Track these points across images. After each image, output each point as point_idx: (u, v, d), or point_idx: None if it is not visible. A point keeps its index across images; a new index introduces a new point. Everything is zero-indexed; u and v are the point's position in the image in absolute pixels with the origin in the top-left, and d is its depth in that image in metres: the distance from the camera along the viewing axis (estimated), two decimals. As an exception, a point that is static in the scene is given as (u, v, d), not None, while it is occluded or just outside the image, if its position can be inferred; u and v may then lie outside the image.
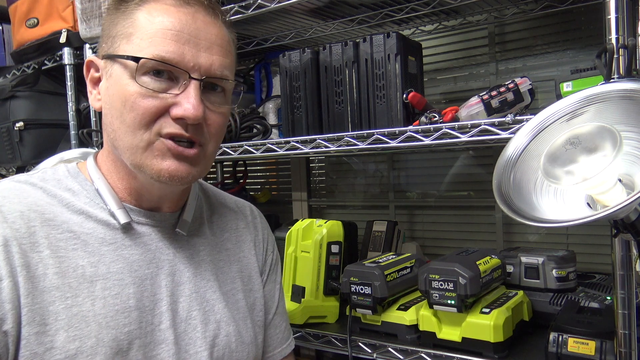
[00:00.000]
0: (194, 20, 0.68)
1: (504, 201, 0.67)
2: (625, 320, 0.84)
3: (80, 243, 0.67)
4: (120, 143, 0.69)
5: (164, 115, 0.67)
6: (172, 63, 0.66)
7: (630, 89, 0.66)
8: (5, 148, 1.66)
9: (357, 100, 1.19)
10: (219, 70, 0.70)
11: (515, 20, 1.48)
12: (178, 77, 0.68)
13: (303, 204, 1.96)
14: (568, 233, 1.48)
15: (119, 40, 0.68)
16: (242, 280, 0.84)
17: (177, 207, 0.78)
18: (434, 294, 1.01)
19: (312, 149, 1.19)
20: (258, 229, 0.92)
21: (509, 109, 0.99)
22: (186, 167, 0.69)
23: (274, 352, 0.91)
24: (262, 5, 1.20)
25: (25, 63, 1.71)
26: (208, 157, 0.73)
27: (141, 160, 0.68)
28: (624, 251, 0.83)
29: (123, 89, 0.67)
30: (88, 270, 0.66)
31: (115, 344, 0.65)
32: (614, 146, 0.61)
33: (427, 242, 1.72)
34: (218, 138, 0.74)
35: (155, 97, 0.66)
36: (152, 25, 0.66)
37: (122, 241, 0.71)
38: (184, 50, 0.66)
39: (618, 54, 0.80)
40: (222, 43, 0.71)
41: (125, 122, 0.67)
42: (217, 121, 0.72)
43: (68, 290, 0.64)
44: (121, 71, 0.67)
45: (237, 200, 0.94)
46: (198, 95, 0.67)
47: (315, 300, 1.23)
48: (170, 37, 0.66)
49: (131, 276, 0.70)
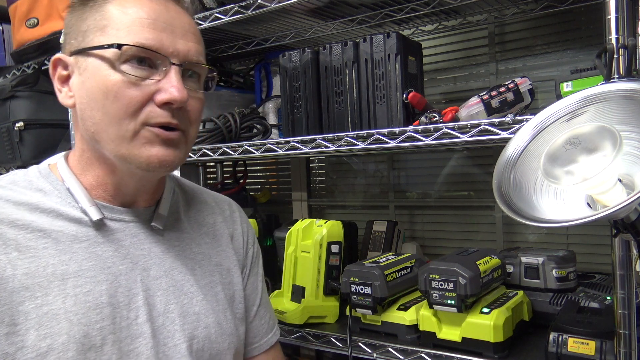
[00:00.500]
0: (166, 9, 0.70)
1: (504, 201, 0.67)
2: (625, 320, 0.84)
3: (51, 241, 0.67)
4: (103, 135, 0.69)
5: (149, 103, 0.68)
6: (153, 48, 0.67)
7: (630, 89, 0.66)
8: (5, 148, 1.66)
9: (357, 100, 1.19)
10: (195, 56, 0.72)
11: (515, 20, 1.48)
12: (158, 64, 0.69)
13: (303, 204, 1.96)
14: (568, 233, 1.48)
15: (92, 34, 0.69)
16: (220, 273, 0.84)
17: (152, 200, 0.79)
18: (434, 294, 1.01)
19: (312, 149, 1.19)
20: (237, 223, 0.93)
21: (509, 109, 0.99)
22: (173, 152, 0.71)
23: (260, 342, 0.92)
24: (262, 5, 1.20)
25: (25, 63, 1.71)
26: (189, 142, 0.75)
27: (128, 150, 0.68)
28: (624, 251, 0.83)
29: (104, 79, 0.67)
30: (59, 268, 0.67)
31: (87, 340, 0.66)
32: (614, 146, 0.61)
33: (427, 242, 1.72)
34: (197, 123, 0.76)
35: (139, 85, 0.67)
36: (126, 16, 0.68)
37: (95, 238, 0.71)
38: (162, 37, 0.68)
39: (618, 54, 0.80)
40: (195, 31, 0.74)
41: (108, 114, 0.67)
42: (195, 106, 0.73)
43: (38, 290, 0.64)
44: (98, 63, 0.68)
45: (216, 195, 0.95)
46: (180, 80, 0.69)
47: (315, 300, 1.23)
48: (147, 25, 0.68)
49: (104, 273, 0.70)
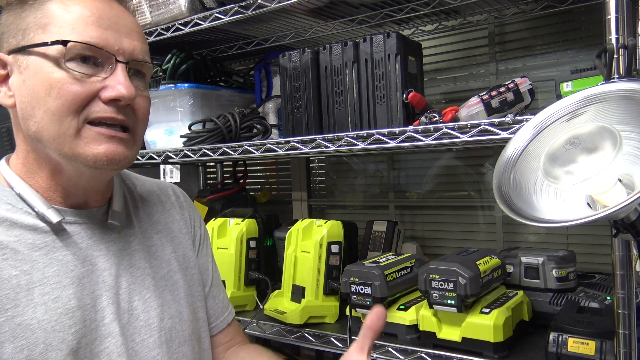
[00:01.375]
0: (110, 7, 0.70)
1: (504, 201, 0.67)
2: (625, 320, 0.84)
3: (9, 252, 0.66)
4: (45, 134, 0.67)
5: (93, 100, 0.67)
6: (98, 46, 0.67)
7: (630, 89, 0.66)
8: (6, 148, 1.66)
9: (357, 100, 1.19)
10: (140, 55, 0.71)
11: (515, 20, 1.48)
12: (103, 63, 0.68)
13: (303, 204, 1.96)
14: (568, 233, 1.48)
15: (32, 32, 0.68)
16: (177, 260, 0.85)
17: (103, 200, 0.78)
18: (434, 294, 1.01)
19: (312, 149, 1.19)
20: (184, 208, 0.93)
21: (509, 109, 0.99)
22: (122, 149, 0.70)
23: (217, 322, 0.93)
24: (262, 5, 1.20)
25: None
26: (138, 142, 0.74)
27: (71, 148, 0.67)
28: (624, 251, 0.83)
29: (47, 77, 0.66)
30: (22, 278, 0.65)
31: (64, 346, 0.65)
32: (614, 146, 0.60)
33: (427, 242, 1.72)
34: (145, 122, 0.75)
35: (84, 81, 0.67)
36: (69, 14, 0.67)
37: (53, 243, 0.70)
38: (107, 35, 0.68)
39: (618, 54, 0.80)
40: (139, 30, 0.74)
41: (49, 111, 0.66)
42: (143, 105, 0.73)
43: (6, 302, 0.63)
44: (41, 61, 0.67)
45: (158, 182, 0.94)
46: (127, 77, 0.68)
47: (315, 300, 1.23)
48: (92, 22, 0.67)
49: (68, 277, 0.69)
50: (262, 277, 1.38)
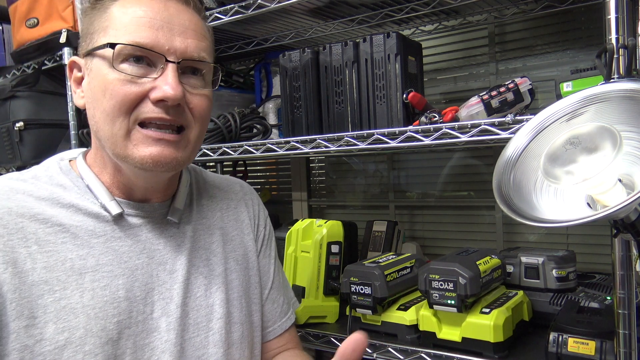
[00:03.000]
0: (166, 7, 0.70)
1: (504, 201, 0.67)
2: (625, 320, 0.84)
3: (69, 236, 0.68)
4: (102, 134, 0.70)
5: (143, 101, 0.68)
6: (147, 47, 0.67)
7: (630, 89, 0.66)
8: (5, 148, 1.66)
9: (357, 100, 1.19)
10: (195, 52, 0.71)
11: (515, 20, 1.48)
12: (156, 63, 0.69)
13: (303, 204, 1.96)
14: (568, 233, 1.48)
15: (97, 36, 0.70)
16: (235, 260, 0.84)
17: (166, 196, 0.79)
18: (434, 294, 1.01)
19: (312, 149, 1.19)
20: (249, 206, 0.92)
21: (509, 109, 0.99)
22: (170, 151, 0.69)
23: (274, 327, 0.91)
24: (262, 5, 1.20)
25: (25, 63, 1.71)
26: (193, 142, 0.73)
27: (122, 150, 0.68)
28: (624, 251, 0.83)
29: (103, 78, 0.68)
30: (77, 263, 0.67)
31: (104, 334, 0.66)
32: (614, 146, 0.60)
33: (427, 242, 1.72)
34: (203, 122, 0.74)
35: (134, 82, 0.67)
36: (125, 16, 0.68)
37: (112, 233, 0.71)
38: (157, 35, 0.68)
39: (618, 54, 0.80)
40: (196, 28, 0.72)
41: (105, 111, 0.68)
42: (199, 104, 0.72)
43: (56, 284, 0.65)
44: (100, 63, 0.68)
45: (227, 178, 0.94)
46: (176, 77, 0.68)
47: (315, 300, 1.23)
48: (144, 24, 0.68)
49: (121, 267, 0.70)
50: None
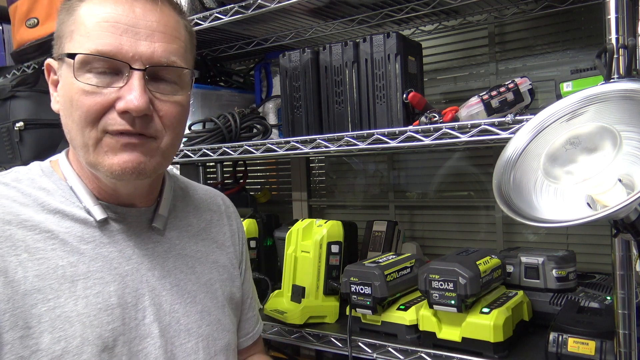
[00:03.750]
0: (131, 9, 0.66)
1: (504, 201, 0.67)
2: (625, 320, 0.84)
3: (58, 242, 0.67)
4: (74, 142, 0.69)
5: (110, 110, 0.66)
6: (109, 55, 0.64)
7: (630, 89, 0.66)
8: (5, 148, 1.66)
9: (357, 100, 1.19)
10: (163, 57, 0.67)
11: (515, 20, 1.48)
12: (121, 70, 0.66)
13: (303, 204, 1.96)
14: (568, 233, 1.48)
15: (65, 40, 0.68)
16: (217, 270, 0.84)
17: (150, 201, 0.78)
18: (434, 294, 1.01)
19: (312, 149, 1.19)
20: (232, 219, 0.93)
21: (509, 109, 0.99)
22: (137, 157, 0.67)
23: (248, 336, 0.93)
24: (262, 5, 1.20)
25: (25, 63, 1.71)
26: (166, 150, 0.71)
27: (94, 158, 0.67)
28: (624, 251, 0.83)
29: (69, 87, 0.66)
30: (68, 270, 0.66)
31: (100, 342, 0.65)
32: (614, 146, 0.60)
33: (427, 242, 1.72)
34: (175, 129, 0.71)
35: (99, 93, 0.65)
36: (90, 19, 0.66)
37: (100, 239, 0.70)
38: (121, 41, 0.65)
39: (618, 54, 0.80)
40: (165, 29, 0.68)
41: (74, 121, 0.67)
42: (169, 112, 0.69)
43: (50, 292, 0.64)
44: (67, 70, 0.67)
45: (208, 189, 0.94)
46: (141, 86, 0.65)
47: (315, 300, 1.23)
48: (107, 29, 0.65)
49: (111, 274, 0.69)
50: (262, 277, 1.38)
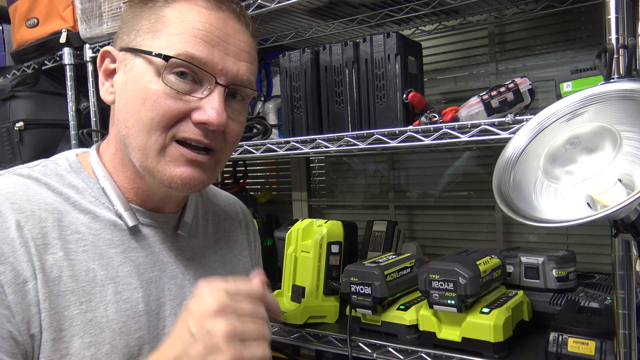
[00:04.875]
0: (224, 25, 0.66)
1: (504, 201, 0.67)
2: (625, 320, 0.84)
3: (89, 245, 0.65)
4: (132, 142, 0.67)
5: (184, 119, 0.65)
6: (200, 63, 0.64)
7: (630, 89, 0.66)
8: (5, 148, 1.66)
9: (357, 100, 1.19)
10: (245, 77, 0.68)
11: (515, 20, 1.48)
12: (203, 81, 0.66)
13: (303, 204, 1.96)
14: (568, 233, 1.48)
15: (144, 35, 0.66)
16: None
17: (178, 207, 0.78)
18: (434, 294, 1.01)
19: (312, 149, 1.19)
20: (250, 228, 0.92)
21: (509, 109, 0.99)
22: (199, 174, 0.68)
23: None
24: (262, 5, 1.20)
25: (25, 63, 1.71)
26: (220, 165, 0.72)
27: (153, 164, 0.66)
28: (624, 251, 0.83)
29: (145, 86, 0.64)
30: (99, 273, 0.65)
31: (127, 351, 0.64)
32: (614, 146, 0.60)
33: (427, 242, 1.72)
34: (233, 146, 0.72)
35: (179, 98, 0.64)
36: (181, 23, 0.65)
37: (129, 243, 0.70)
38: (213, 52, 0.65)
39: (618, 54, 0.80)
40: (250, 51, 0.70)
41: (141, 121, 0.65)
42: (235, 130, 0.70)
43: (82, 295, 0.62)
44: (145, 67, 0.65)
45: (228, 196, 0.94)
46: (222, 102, 0.66)
47: (315, 300, 1.23)
48: (201, 37, 0.64)
49: (139, 279, 0.68)
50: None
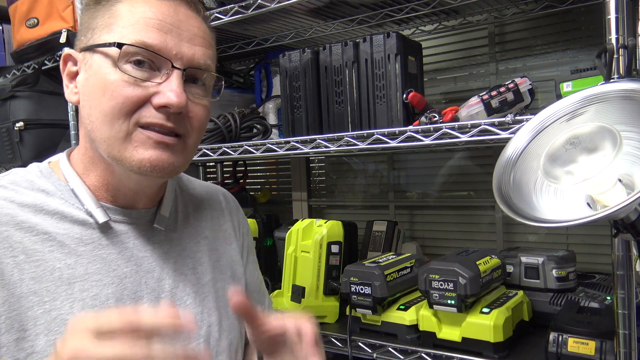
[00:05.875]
0: (175, 12, 0.68)
1: (504, 201, 0.67)
2: (625, 320, 0.84)
3: (56, 244, 0.66)
4: (97, 134, 0.68)
5: (145, 105, 0.66)
6: (155, 49, 0.66)
7: (630, 89, 0.66)
8: (5, 148, 1.66)
9: (357, 100, 1.19)
10: (202, 60, 0.70)
11: (515, 20, 1.48)
12: (160, 67, 0.67)
13: (303, 204, 1.96)
14: (568, 233, 1.48)
15: (99, 31, 0.68)
16: (220, 269, 0.84)
17: (153, 202, 0.78)
18: (434, 294, 1.01)
19: (312, 149, 1.19)
20: (233, 214, 0.92)
21: (509, 109, 0.99)
22: (168, 156, 0.68)
23: None
24: (262, 5, 1.20)
25: (25, 63, 1.71)
26: (190, 150, 0.72)
27: (119, 152, 0.67)
28: (624, 251, 0.83)
29: (104, 77, 0.66)
30: (65, 272, 0.66)
31: None
32: (614, 146, 0.61)
33: (427, 242, 1.72)
34: (200, 131, 0.73)
35: (137, 85, 0.66)
36: (133, 15, 0.67)
37: (99, 240, 0.70)
38: (166, 38, 0.66)
39: (618, 54, 0.80)
40: (204, 35, 0.71)
41: (103, 111, 0.66)
42: (199, 113, 0.71)
43: (46, 294, 0.63)
44: (102, 60, 0.67)
45: (208, 186, 0.93)
46: (181, 84, 0.67)
47: (315, 300, 1.23)
48: (153, 25, 0.66)
49: (109, 276, 0.69)
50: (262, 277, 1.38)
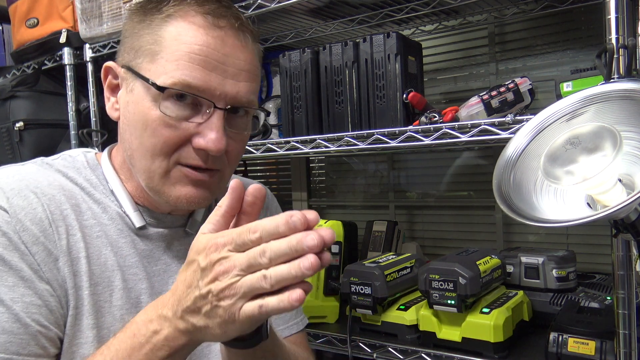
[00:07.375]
0: (223, 45, 0.65)
1: (504, 201, 0.67)
2: (625, 320, 0.84)
3: (102, 232, 0.68)
4: (137, 163, 0.68)
5: (185, 144, 0.66)
6: (198, 90, 0.64)
7: (630, 89, 0.66)
8: (5, 148, 1.66)
9: (357, 100, 1.19)
10: (245, 98, 0.68)
11: (515, 20, 1.48)
12: (202, 104, 0.66)
13: (303, 204, 1.96)
14: (568, 233, 1.48)
15: (143, 56, 0.66)
16: None
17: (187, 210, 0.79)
18: (434, 294, 1.01)
19: (312, 149, 1.19)
20: (268, 212, 0.92)
21: (509, 109, 0.99)
22: (203, 193, 0.69)
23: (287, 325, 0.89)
24: (262, 5, 1.20)
25: (25, 63, 1.71)
26: (225, 180, 0.73)
27: (158, 186, 0.68)
28: (624, 251, 0.83)
29: (145, 112, 0.65)
30: (110, 259, 0.68)
31: None
32: (614, 146, 0.60)
33: (427, 242, 1.72)
34: (237, 161, 0.73)
35: (177, 126, 0.65)
36: (178, 46, 0.64)
37: (136, 236, 0.72)
38: (210, 77, 0.64)
39: (618, 54, 0.80)
40: (251, 68, 0.69)
41: (144, 145, 0.66)
42: (236, 148, 0.71)
43: (92, 277, 0.65)
44: (143, 92, 0.65)
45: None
46: (222, 127, 0.66)
47: (315, 300, 1.23)
48: (198, 62, 0.64)
49: (144, 271, 0.71)
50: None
